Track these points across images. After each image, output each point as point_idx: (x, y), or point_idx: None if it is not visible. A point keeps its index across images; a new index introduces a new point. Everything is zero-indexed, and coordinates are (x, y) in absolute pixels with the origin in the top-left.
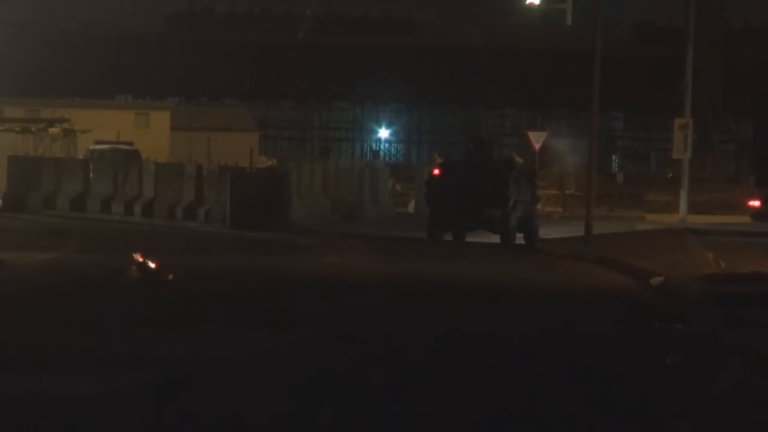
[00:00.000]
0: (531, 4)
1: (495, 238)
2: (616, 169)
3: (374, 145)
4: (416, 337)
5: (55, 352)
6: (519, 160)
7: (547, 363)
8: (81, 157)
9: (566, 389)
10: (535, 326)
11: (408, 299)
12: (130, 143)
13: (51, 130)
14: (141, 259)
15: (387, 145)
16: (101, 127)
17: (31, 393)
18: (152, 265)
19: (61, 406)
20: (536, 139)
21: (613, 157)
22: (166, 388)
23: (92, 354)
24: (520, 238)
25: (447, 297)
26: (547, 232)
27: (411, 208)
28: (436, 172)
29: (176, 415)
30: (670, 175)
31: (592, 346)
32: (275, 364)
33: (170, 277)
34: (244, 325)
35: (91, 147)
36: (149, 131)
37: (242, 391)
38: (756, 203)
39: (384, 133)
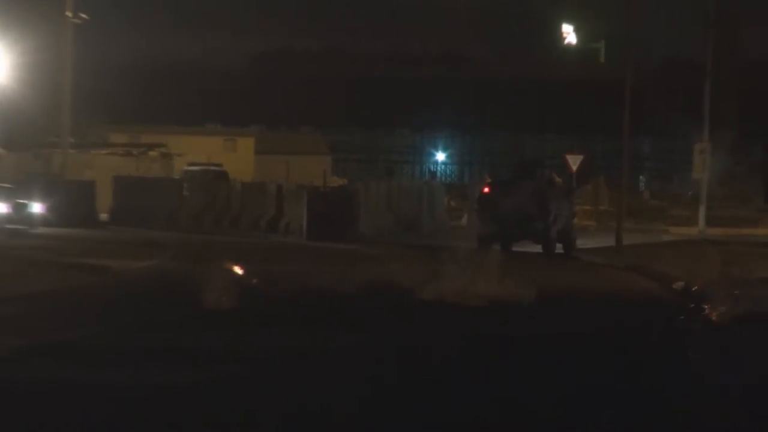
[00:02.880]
0: (569, 44)
1: (537, 248)
2: (644, 188)
3: (432, 166)
4: (452, 337)
5: (157, 347)
6: (558, 179)
7: (586, 355)
8: (176, 177)
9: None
10: (577, 324)
11: (461, 303)
12: (219, 165)
13: (150, 153)
14: (229, 267)
15: (443, 166)
16: (194, 151)
17: (136, 382)
18: (239, 271)
19: (163, 395)
20: (573, 162)
21: (641, 177)
22: (253, 379)
23: (188, 349)
24: (559, 248)
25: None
26: (583, 242)
27: (464, 221)
28: (486, 190)
29: (263, 403)
30: (691, 193)
31: (626, 338)
32: (346, 359)
33: (254, 281)
34: (319, 325)
35: (185, 168)
36: (236, 155)
37: (319, 383)
38: None
39: (440, 156)
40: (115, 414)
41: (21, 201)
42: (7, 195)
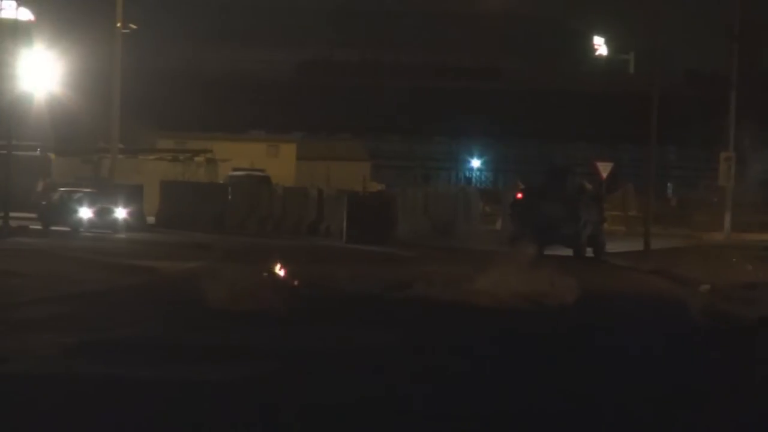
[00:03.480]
0: (600, 55)
1: (568, 251)
2: (670, 194)
3: (467, 173)
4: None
5: (194, 345)
6: (588, 186)
7: (613, 352)
8: (221, 182)
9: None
10: (600, 323)
11: (490, 304)
12: (262, 170)
13: (196, 158)
14: (271, 268)
15: (478, 173)
16: (238, 156)
17: (170, 379)
18: (281, 273)
19: (194, 391)
20: (603, 169)
21: (668, 184)
22: (286, 375)
23: (225, 347)
24: (589, 252)
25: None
26: (612, 246)
27: (498, 226)
28: (519, 196)
29: (292, 399)
30: (716, 199)
31: (652, 337)
32: (378, 358)
33: (296, 283)
34: (353, 324)
35: (230, 173)
36: (278, 160)
37: (350, 380)
38: None
39: (475, 162)
40: (150, 410)
41: (105, 206)
42: (91, 200)
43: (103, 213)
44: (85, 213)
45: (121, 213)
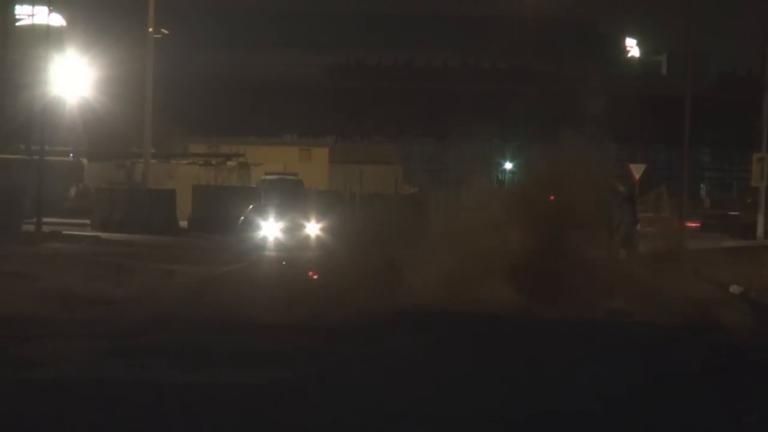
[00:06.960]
0: (632, 57)
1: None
2: (704, 196)
3: (500, 175)
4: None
5: (235, 351)
6: (621, 188)
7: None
8: (254, 186)
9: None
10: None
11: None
12: (295, 174)
13: (229, 163)
14: (307, 273)
15: (511, 175)
16: (271, 161)
17: (212, 383)
18: (315, 277)
19: (236, 393)
20: (636, 171)
21: (702, 185)
22: (324, 380)
23: (265, 352)
24: (622, 253)
25: None
26: (645, 248)
27: None
28: (552, 198)
29: (326, 401)
30: (749, 200)
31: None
32: (414, 363)
33: (327, 285)
34: (389, 330)
35: (263, 177)
36: (311, 164)
37: (384, 384)
38: None
39: (508, 165)
40: (193, 411)
41: (296, 222)
42: (278, 215)
43: (292, 230)
44: (270, 230)
45: (313, 229)
